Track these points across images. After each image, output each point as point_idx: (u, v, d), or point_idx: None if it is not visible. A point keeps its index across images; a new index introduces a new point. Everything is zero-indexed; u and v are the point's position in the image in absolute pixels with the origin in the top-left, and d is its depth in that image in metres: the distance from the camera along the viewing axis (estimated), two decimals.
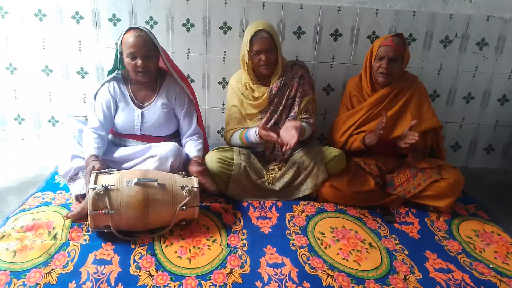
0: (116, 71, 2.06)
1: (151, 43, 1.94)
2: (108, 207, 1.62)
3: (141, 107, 2.04)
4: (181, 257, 1.64)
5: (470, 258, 1.78)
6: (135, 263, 1.58)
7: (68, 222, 1.77)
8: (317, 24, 2.46)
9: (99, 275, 1.51)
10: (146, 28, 1.97)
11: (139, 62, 1.90)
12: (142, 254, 1.63)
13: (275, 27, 2.43)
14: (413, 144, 1.95)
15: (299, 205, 2.06)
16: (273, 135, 1.96)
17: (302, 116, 2.12)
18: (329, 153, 2.10)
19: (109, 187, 1.65)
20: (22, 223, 1.74)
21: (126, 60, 1.92)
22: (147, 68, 1.93)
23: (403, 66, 2.14)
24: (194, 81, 2.57)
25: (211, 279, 1.53)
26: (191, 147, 2.05)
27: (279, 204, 2.06)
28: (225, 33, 2.47)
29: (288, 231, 1.86)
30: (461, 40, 2.52)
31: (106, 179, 1.69)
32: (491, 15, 2.47)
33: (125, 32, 1.92)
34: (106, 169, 1.77)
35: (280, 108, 2.15)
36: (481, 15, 2.47)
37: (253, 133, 2.08)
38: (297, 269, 1.62)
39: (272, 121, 2.14)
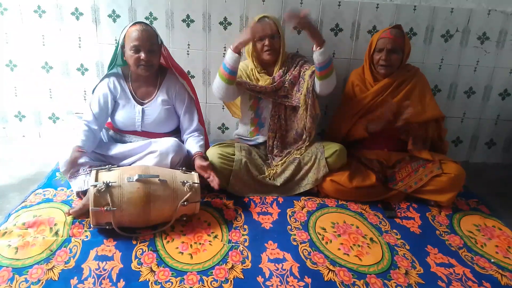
0: (114, 63, 2.03)
1: (155, 38, 1.95)
2: (110, 204, 1.63)
3: (141, 104, 2.04)
4: (182, 253, 1.64)
5: (471, 252, 1.78)
6: (137, 259, 1.59)
7: (69, 218, 1.78)
8: (317, 18, 2.44)
9: (100, 271, 1.51)
10: (150, 24, 1.97)
11: (142, 55, 1.90)
12: (144, 250, 1.63)
13: None
14: (408, 119, 1.96)
15: (300, 201, 2.06)
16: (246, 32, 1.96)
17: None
18: (330, 148, 2.10)
19: (110, 184, 1.65)
20: (23, 219, 1.74)
21: (129, 53, 1.91)
22: (150, 62, 1.93)
23: (404, 57, 2.14)
24: (194, 77, 2.56)
25: (213, 275, 1.54)
26: (193, 143, 2.05)
27: (280, 199, 2.07)
28: (225, 28, 2.46)
29: (289, 227, 1.86)
30: (462, 34, 2.50)
31: (107, 176, 1.69)
32: (492, 9, 2.45)
33: (130, 26, 1.92)
34: (107, 166, 1.77)
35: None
36: (482, 9, 2.45)
37: (228, 52, 1.99)
38: (298, 264, 1.62)
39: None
